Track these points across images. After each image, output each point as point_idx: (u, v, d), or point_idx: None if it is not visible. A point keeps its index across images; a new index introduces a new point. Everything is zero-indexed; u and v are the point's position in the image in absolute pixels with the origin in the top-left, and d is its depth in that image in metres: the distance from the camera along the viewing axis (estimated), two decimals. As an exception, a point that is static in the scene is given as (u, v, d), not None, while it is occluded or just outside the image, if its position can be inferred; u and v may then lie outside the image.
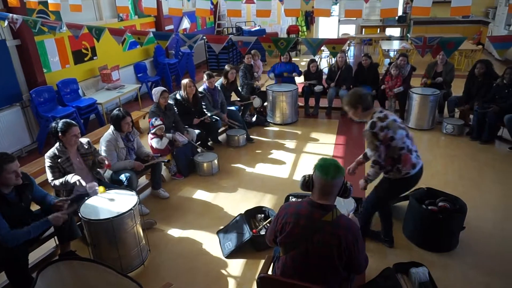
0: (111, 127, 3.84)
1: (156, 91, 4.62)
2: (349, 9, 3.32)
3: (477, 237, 3.45)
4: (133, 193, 3.22)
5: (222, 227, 3.66)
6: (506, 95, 5.21)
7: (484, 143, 5.38)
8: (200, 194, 4.37)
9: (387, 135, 2.77)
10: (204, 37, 3.94)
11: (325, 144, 5.61)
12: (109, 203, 3.07)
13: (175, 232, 3.67)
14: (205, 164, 4.73)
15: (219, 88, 5.60)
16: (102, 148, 3.76)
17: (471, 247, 3.33)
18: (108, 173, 3.83)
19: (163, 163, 4.37)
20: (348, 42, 11.99)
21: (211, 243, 3.50)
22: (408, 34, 13.23)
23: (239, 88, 6.31)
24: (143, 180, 4.46)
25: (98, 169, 3.54)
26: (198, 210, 4.06)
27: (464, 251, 3.29)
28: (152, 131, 4.39)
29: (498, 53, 3.22)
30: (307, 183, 2.16)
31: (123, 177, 3.68)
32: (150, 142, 4.46)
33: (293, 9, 3.30)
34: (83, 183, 3.12)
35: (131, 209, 2.95)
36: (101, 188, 3.22)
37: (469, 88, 5.80)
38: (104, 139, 3.77)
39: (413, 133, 5.82)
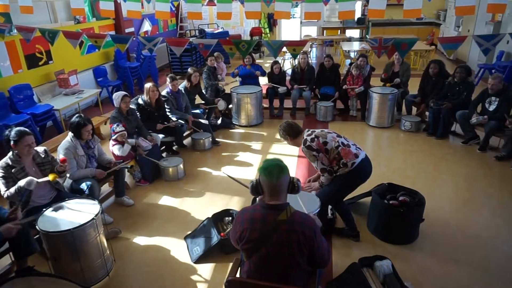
0: (70, 134, 3.68)
1: (117, 96, 4.49)
2: (308, 11, 3.40)
3: (435, 227, 3.63)
4: (95, 202, 3.10)
5: (189, 232, 3.61)
6: (457, 93, 5.53)
7: (439, 138, 5.67)
8: (166, 200, 4.29)
9: (319, 142, 3.12)
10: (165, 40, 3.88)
11: (290, 144, 5.68)
12: (69, 213, 2.95)
13: (141, 240, 3.58)
14: (170, 169, 4.65)
15: (182, 91, 5.53)
16: (60, 156, 3.60)
17: (430, 238, 3.50)
18: (68, 182, 3.67)
19: (126, 170, 4.25)
20: (310, 43, 12.23)
21: (179, 249, 3.44)
22: (367, 36, 13.70)
23: (203, 91, 6.26)
24: (106, 188, 4.32)
25: (57, 180, 3.38)
26: (164, 216, 3.98)
27: (424, 242, 3.45)
28: (114, 137, 4.25)
29: (447, 53, 3.42)
30: (256, 188, 2.16)
31: (84, 185, 3.54)
32: (112, 149, 4.32)
33: (254, 11, 3.33)
34: (35, 181, 2.97)
35: (93, 218, 2.84)
36: (51, 176, 3.07)
37: (424, 86, 6.09)
38: (62, 147, 3.61)
39: (373, 130, 6.14)
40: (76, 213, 2.94)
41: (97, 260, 2.97)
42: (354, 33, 14.83)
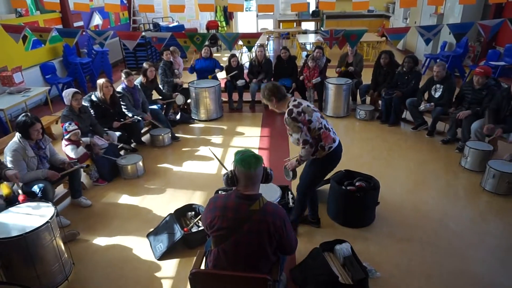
0: (17, 134, 3.47)
1: (67, 93, 4.28)
2: (262, 4, 3.43)
3: (390, 209, 3.83)
4: (49, 204, 2.97)
5: (152, 229, 3.56)
6: (406, 81, 5.83)
7: (391, 126, 5.96)
8: (126, 199, 4.18)
9: (305, 118, 2.96)
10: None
11: (251, 137, 5.73)
12: (21, 218, 2.79)
13: (101, 241, 3.47)
14: (129, 167, 4.53)
15: (138, 86, 5.38)
16: (7, 158, 3.39)
17: (386, 219, 3.69)
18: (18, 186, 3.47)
19: (82, 170, 4.09)
20: (267, 36, 12.31)
21: (142, 247, 3.38)
22: (321, 28, 14.00)
23: (160, 86, 6.13)
24: (61, 190, 4.13)
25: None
26: (125, 215, 3.88)
27: (380, 224, 3.64)
28: (66, 137, 4.06)
29: (394, 43, 3.60)
30: (231, 179, 2.16)
31: (36, 188, 3.37)
32: (65, 150, 4.13)
33: (207, 4, 3.30)
34: None
35: (47, 222, 2.72)
36: (4, 188, 2.90)
37: (376, 76, 6.35)
38: (9, 149, 3.40)
39: (331, 120, 6.32)
40: (28, 217, 2.80)
41: (54, 264, 2.85)
42: (310, 25, 15.09)
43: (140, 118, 5.14)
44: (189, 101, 6.55)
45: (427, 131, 5.60)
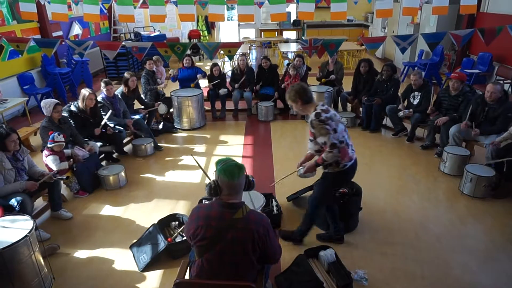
0: (-7, 147, 3.38)
1: (47, 104, 4.20)
2: (242, 13, 3.47)
3: (373, 214, 3.89)
4: (28, 218, 2.89)
5: (135, 240, 3.50)
6: (385, 89, 5.97)
7: (372, 132, 6.08)
8: (108, 210, 4.11)
9: (331, 125, 2.84)
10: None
11: (234, 145, 5.73)
12: (-3, 233, 2.71)
13: (82, 254, 3.40)
14: (111, 177, 4.46)
15: (119, 96, 5.33)
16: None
17: (369, 224, 3.75)
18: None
19: (62, 181, 4.00)
20: (249, 45, 12.42)
21: (125, 259, 3.32)
22: (302, 37, 14.22)
23: (142, 95, 6.09)
24: (40, 203, 4.02)
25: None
26: (107, 226, 3.81)
27: (363, 229, 3.69)
28: (50, 145, 3.96)
29: (370, 52, 3.71)
30: (214, 189, 2.13)
31: (13, 201, 3.27)
32: (45, 160, 4.03)
33: (188, 14, 3.32)
34: None
35: (25, 236, 2.64)
36: None
37: (356, 84, 6.48)
38: (-15, 162, 3.31)
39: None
40: (6, 231, 2.72)
41: (33, 280, 2.77)
42: (291, 34, 15.31)
43: (122, 128, 5.08)
44: (171, 110, 6.52)
45: (407, 137, 5.73)
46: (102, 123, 4.81)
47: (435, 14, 4.60)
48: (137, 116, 5.65)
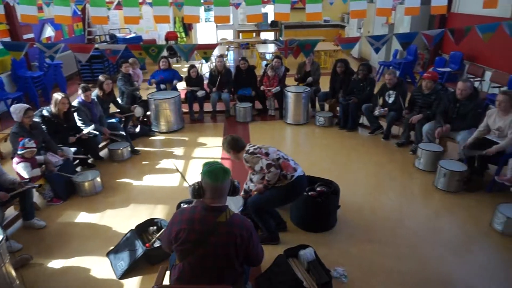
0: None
1: (18, 109, 4.06)
2: (218, 15, 3.46)
3: (351, 212, 3.94)
4: (-3, 228, 2.78)
5: (112, 247, 3.42)
6: (361, 88, 6.07)
7: (350, 131, 6.17)
8: (84, 217, 4.00)
9: (261, 151, 3.18)
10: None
11: (213, 147, 5.70)
12: (-36, 245, 2.59)
13: (57, 264, 3.29)
14: (86, 184, 4.35)
15: (96, 100, 5.21)
16: None
17: (347, 222, 3.80)
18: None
19: (34, 189, 3.87)
20: (227, 47, 12.38)
21: (102, 267, 3.24)
22: (280, 38, 14.29)
23: (117, 99, 5.97)
24: (11, 212, 3.88)
25: None
26: (83, 234, 3.71)
27: (342, 227, 3.73)
28: (20, 152, 3.83)
29: (345, 52, 3.76)
30: (198, 191, 2.15)
31: (-18, 212, 3.15)
32: (16, 168, 3.90)
33: (163, 15, 3.28)
34: None
35: (-5, 247, 2.54)
36: None
37: (333, 84, 6.57)
38: (-49, 171, 3.17)
39: (291, 128, 6.45)
40: (-27, 243, 2.60)
41: (4, 292, 2.66)
42: (269, 35, 15.36)
43: (97, 133, 4.97)
44: (148, 113, 6.42)
45: (383, 135, 5.84)
46: (84, 132, 4.71)
47: (407, 14, 4.71)
48: (113, 120, 5.55)
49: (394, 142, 5.66)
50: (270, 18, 14.36)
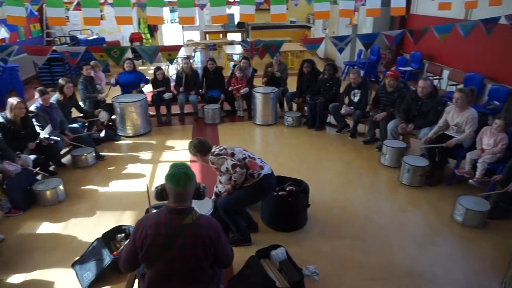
0: None
1: (-32, 116, 3.82)
2: (182, 16, 3.40)
3: (321, 210, 4.00)
4: None
5: (77, 258, 3.29)
6: (328, 88, 6.19)
7: (318, 130, 6.27)
8: (47, 227, 3.82)
9: (227, 152, 3.18)
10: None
11: (181, 150, 5.60)
12: None
13: (17, 278, 3.11)
14: (48, 192, 4.15)
15: (55, 105, 4.99)
16: None
17: (317, 220, 3.85)
18: None
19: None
20: (194, 48, 12.25)
21: (67, 279, 3.11)
22: (247, 39, 14.32)
23: (80, 103, 5.75)
24: (-36, 226, 3.64)
25: None
26: (46, 245, 3.54)
27: (312, 225, 3.78)
28: None
29: (310, 53, 3.83)
30: (161, 193, 2.15)
31: None
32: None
33: (125, 16, 3.18)
34: None
35: None
36: None
37: (300, 84, 6.65)
38: None
39: (260, 128, 6.47)
40: None
41: (-42, 312, 2.49)
42: (236, 36, 15.35)
43: (59, 139, 4.76)
44: (113, 117, 6.23)
45: (350, 133, 5.98)
46: (40, 137, 4.49)
47: (369, 16, 4.86)
48: (75, 125, 5.33)
49: (361, 140, 5.81)
50: (237, 19, 14.36)
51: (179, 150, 5.65)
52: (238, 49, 11.38)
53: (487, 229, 3.68)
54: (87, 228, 3.78)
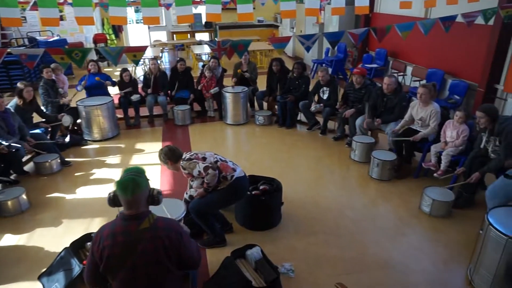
0: None
1: None
2: (146, 16, 3.32)
3: (294, 207, 4.03)
4: None
5: (44, 269, 3.13)
6: (298, 86, 6.25)
7: (289, 128, 6.33)
8: (9, 239, 3.62)
9: (198, 156, 3.15)
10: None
11: (151, 153, 5.48)
12: None
13: (-22, 295, 2.94)
14: (9, 202, 3.94)
15: (11, 110, 4.73)
16: None
17: (291, 218, 3.88)
18: None
19: None
20: (161, 48, 12.03)
21: (33, 293, 2.96)
22: (215, 38, 14.23)
23: (42, 107, 5.49)
24: None
25: None
26: (9, 258, 3.35)
27: (287, 223, 3.80)
28: None
29: (278, 52, 3.85)
30: (113, 200, 2.07)
31: None
32: None
33: (86, 17, 3.06)
34: None
35: None
36: None
37: (270, 83, 6.67)
38: None
39: (232, 128, 6.44)
40: None
41: None
42: (204, 36, 15.21)
43: (20, 146, 4.52)
44: (79, 121, 6.00)
45: (320, 130, 6.07)
46: None
47: (334, 14, 4.93)
48: (37, 131, 5.09)
49: (331, 136, 5.91)
50: (204, 19, 14.24)
51: (149, 153, 5.52)
52: (207, 49, 11.27)
53: (452, 218, 3.84)
54: (53, 238, 3.62)
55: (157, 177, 4.75)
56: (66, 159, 5.14)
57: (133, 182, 1.95)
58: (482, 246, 2.82)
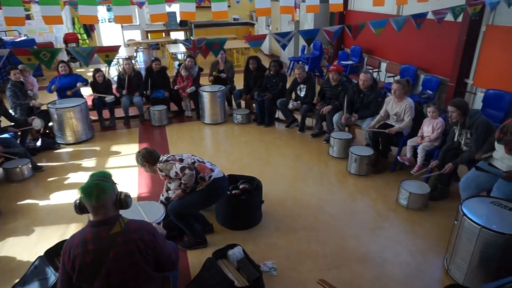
0: None
1: None
2: (118, 14, 3.23)
3: (275, 205, 4.04)
4: None
5: (18, 280, 3.00)
6: (275, 84, 6.26)
7: (267, 126, 6.33)
8: (-22, 250, 3.46)
9: (175, 158, 3.12)
10: None
11: (128, 155, 5.35)
12: None
13: None
14: (-23, 211, 3.76)
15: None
16: None
17: (272, 216, 3.88)
18: None
19: None
20: (136, 48, 11.79)
21: (6, 305, 2.84)
22: (191, 37, 14.07)
23: (10, 111, 5.26)
24: None
25: None
26: (-22, 270, 3.21)
27: (267, 221, 3.80)
28: None
29: (254, 50, 3.83)
30: (79, 207, 2.01)
31: None
32: None
33: (54, 16, 2.94)
34: None
35: None
36: None
37: (247, 81, 6.65)
38: None
39: (210, 127, 6.39)
40: None
41: None
42: (179, 35, 15.01)
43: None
44: (50, 124, 5.80)
45: (298, 127, 6.11)
46: None
47: (308, 12, 4.96)
48: (6, 135, 4.88)
49: (309, 133, 5.95)
50: (179, 17, 14.04)
51: (125, 155, 5.40)
52: (182, 48, 11.13)
53: (428, 210, 3.95)
54: (27, 247, 3.48)
55: (135, 180, 4.65)
56: (38, 164, 4.95)
57: (97, 187, 1.89)
58: (457, 236, 2.90)
